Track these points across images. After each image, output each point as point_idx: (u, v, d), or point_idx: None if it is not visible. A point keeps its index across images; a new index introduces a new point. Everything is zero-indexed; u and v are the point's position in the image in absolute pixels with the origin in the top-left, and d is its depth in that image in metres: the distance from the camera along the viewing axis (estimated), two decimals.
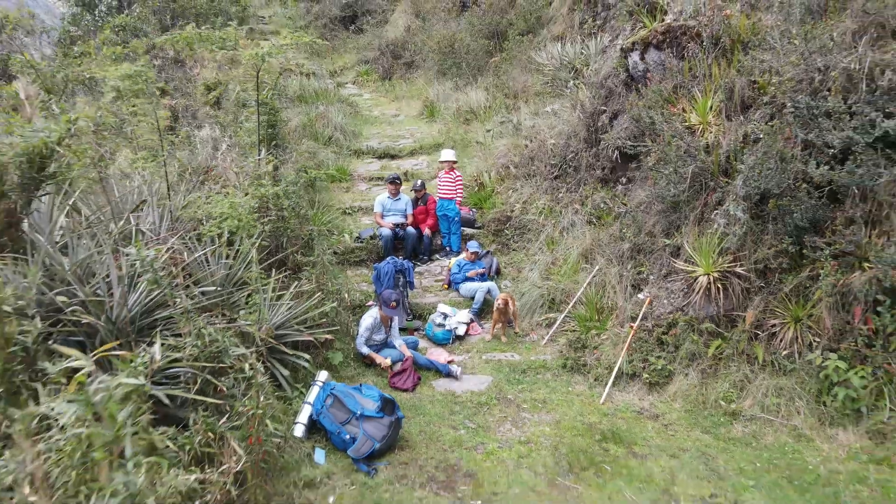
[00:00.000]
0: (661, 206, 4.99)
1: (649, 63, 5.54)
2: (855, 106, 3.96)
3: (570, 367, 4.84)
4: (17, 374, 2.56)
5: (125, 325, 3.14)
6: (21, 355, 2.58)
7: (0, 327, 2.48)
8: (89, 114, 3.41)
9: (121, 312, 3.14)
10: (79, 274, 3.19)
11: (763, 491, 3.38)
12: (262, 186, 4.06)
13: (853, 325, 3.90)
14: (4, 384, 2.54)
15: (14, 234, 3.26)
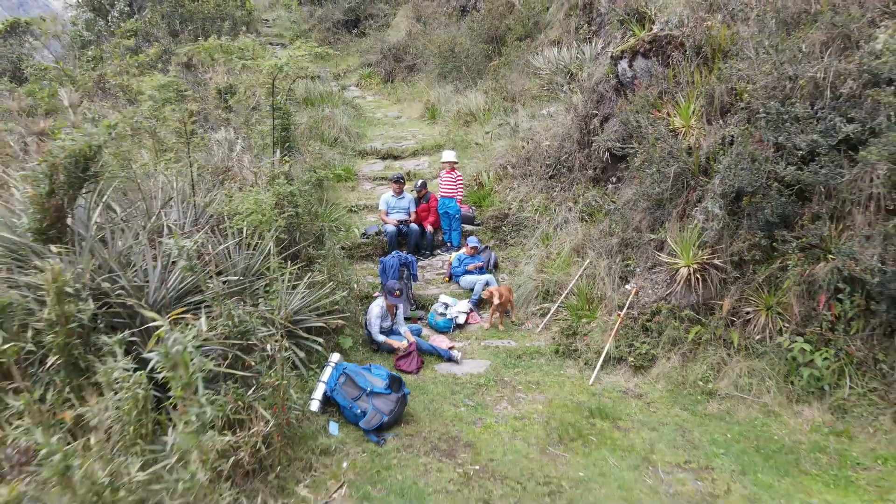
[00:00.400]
0: (646, 203, 5.37)
1: (637, 70, 5.91)
2: (820, 111, 4.33)
3: (562, 352, 5.22)
4: (76, 347, 2.94)
5: (162, 308, 3.51)
6: (78, 331, 2.95)
7: (62, 307, 2.86)
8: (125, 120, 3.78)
9: (158, 296, 3.52)
10: (121, 262, 3.57)
11: (732, 457, 3.76)
12: (278, 185, 4.43)
13: (818, 311, 4.27)
14: (65, 356, 2.92)
15: (61, 227, 3.64)
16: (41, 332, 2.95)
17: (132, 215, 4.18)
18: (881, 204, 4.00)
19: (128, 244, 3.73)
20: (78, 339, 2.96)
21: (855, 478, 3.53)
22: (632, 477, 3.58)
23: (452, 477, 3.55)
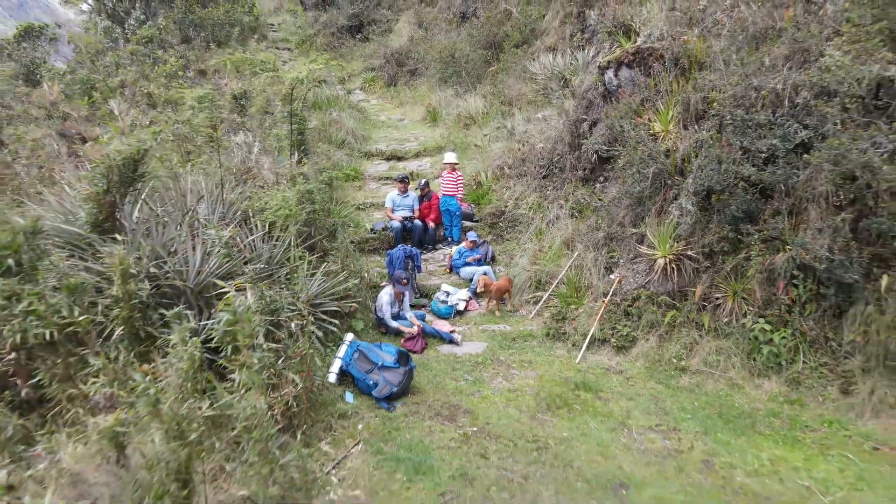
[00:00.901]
0: (629, 200, 5.90)
1: (622, 79, 6.45)
2: (779, 119, 4.87)
3: (552, 335, 5.76)
4: (137, 320, 3.48)
5: (203, 289, 4.05)
6: (139, 306, 3.49)
7: (126, 286, 3.40)
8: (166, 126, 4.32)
9: (199, 279, 4.06)
10: (166, 250, 4.11)
11: (697, 421, 4.30)
12: (300, 184, 4.97)
13: (777, 295, 4.81)
14: (128, 327, 3.46)
15: (113, 221, 4.18)
16: (107, 307, 3.48)
17: (169, 210, 4.71)
18: (830, 200, 4.54)
19: (171, 235, 4.27)
20: (138, 314, 3.50)
21: (802, 437, 4.07)
22: (609, 437, 4.13)
23: (454, 436, 4.09)
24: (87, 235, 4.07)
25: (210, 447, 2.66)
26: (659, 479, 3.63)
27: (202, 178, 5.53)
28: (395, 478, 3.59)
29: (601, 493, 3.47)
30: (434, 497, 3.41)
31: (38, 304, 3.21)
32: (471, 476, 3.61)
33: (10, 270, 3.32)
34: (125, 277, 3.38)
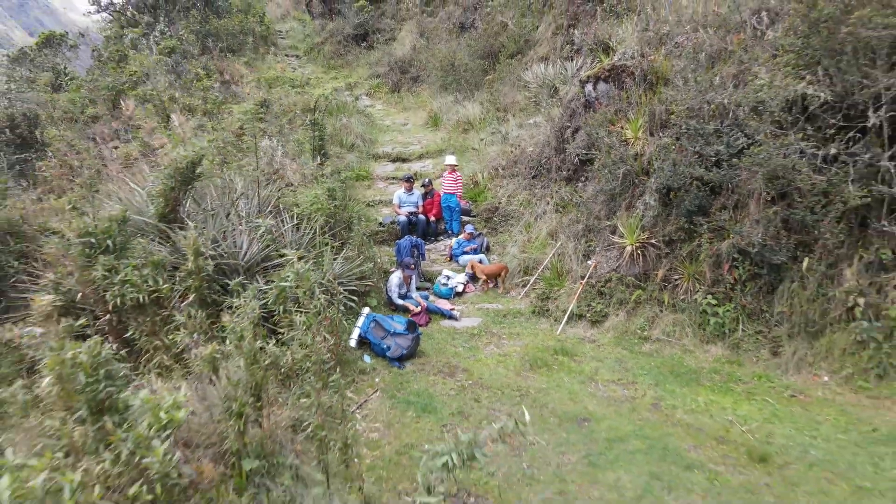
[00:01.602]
0: (603, 197, 6.83)
1: (599, 92, 7.37)
2: (725, 128, 5.79)
3: (537, 312, 6.68)
4: (205, 289, 4.41)
5: (250, 268, 4.98)
6: (206, 279, 4.41)
7: (197, 262, 4.32)
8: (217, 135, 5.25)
9: (247, 259, 4.99)
10: (220, 236, 5.03)
11: (651, 377, 5.22)
12: (325, 183, 5.90)
13: (723, 276, 5.73)
14: (198, 295, 4.39)
15: (176, 212, 5.10)
16: (182, 279, 4.41)
17: (216, 205, 5.64)
18: (763, 197, 5.46)
19: (222, 224, 5.20)
20: (205, 284, 4.43)
21: (734, 387, 5.00)
22: (579, 387, 5.06)
23: (453, 387, 5.02)
24: (156, 224, 5.00)
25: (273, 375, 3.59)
26: (615, 415, 4.57)
27: (238, 179, 6.46)
28: (407, 415, 4.53)
29: (568, 425, 4.40)
30: (438, 427, 4.34)
31: (132, 275, 4.14)
32: (466, 413, 4.55)
33: (108, 249, 4.25)
34: (196, 255, 4.30)
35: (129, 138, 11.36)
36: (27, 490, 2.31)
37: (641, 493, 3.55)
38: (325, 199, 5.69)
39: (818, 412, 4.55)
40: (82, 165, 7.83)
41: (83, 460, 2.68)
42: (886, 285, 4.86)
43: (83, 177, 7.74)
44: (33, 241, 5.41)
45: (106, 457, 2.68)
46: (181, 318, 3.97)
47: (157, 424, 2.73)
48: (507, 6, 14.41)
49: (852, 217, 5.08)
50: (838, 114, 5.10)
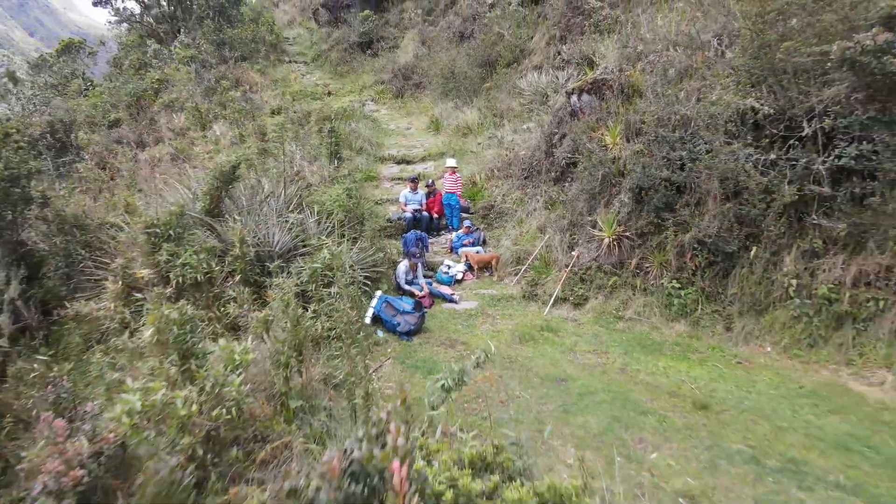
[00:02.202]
0: (585, 196, 7.70)
1: (583, 102, 8.25)
2: (687, 136, 6.67)
3: (527, 296, 7.56)
4: (248, 271, 5.29)
5: (282, 254, 5.86)
6: (249, 262, 5.30)
7: (242, 248, 5.21)
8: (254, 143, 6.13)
9: (280, 247, 5.87)
10: (257, 227, 5.92)
11: (622, 348, 6.11)
12: (343, 183, 6.78)
13: (686, 263, 6.61)
14: (243, 275, 5.27)
15: (219, 208, 5.99)
16: (229, 263, 5.29)
17: (250, 201, 6.52)
18: (719, 196, 6.34)
19: (258, 218, 6.08)
20: (248, 267, 5.31)
21: (690, 356, 5.88)
22: (559, 356, 5.94)
23: (453, 356, 5.91)
24: (202, 218, 5.88)
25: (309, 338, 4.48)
26: (588, 377, 5.45)
27: (264, 180, 7.34)
28: (415, 377, 5.41)
29: (549, 384, 5.29)
30: None
31: (191, 259, 5.02)
32: None
33: (170, 238, 5.13)
34: (242, 243, 5.19)
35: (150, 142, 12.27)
36: (150, 403, 3.20)
37: (604, 430, 4.44)
38: (345, 198, 6.59)
39: (757, 374, 5.44)
40: (120, 167, 8.68)
41: (179, 391, 3.57)
42: (818, 269, 5.75)
43: (124, 178, 8.63)
44: (95, 233, 6.29)
45: (193, 389, 3.57)
46: (232, 293, 4.85)
47: (231, 364, 3.62)
48: (504, 17, 15.24)
49: (791, 212, 5.95)
50: (780, 124, 5.98)
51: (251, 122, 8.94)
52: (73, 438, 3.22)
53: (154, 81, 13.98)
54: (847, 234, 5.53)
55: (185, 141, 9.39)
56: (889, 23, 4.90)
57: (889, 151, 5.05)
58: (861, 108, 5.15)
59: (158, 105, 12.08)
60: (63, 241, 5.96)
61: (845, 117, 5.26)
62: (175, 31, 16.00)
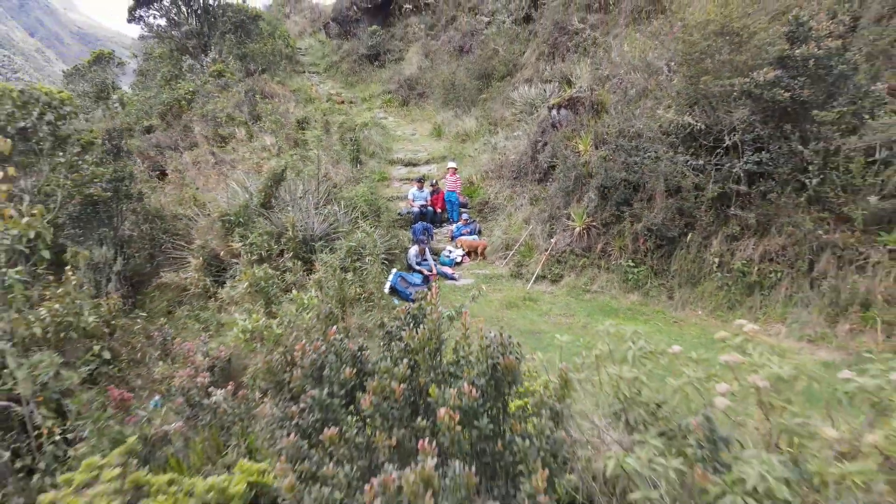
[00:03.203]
0: (562, 193, 9.28)
1: (561, 116, 9.83)
2: (641, 145, 8.25)
3: (514, 275, 9.15)
4: (299, 250, 6.87)
5: (319, 239, 7.45)
6: (300, 241, 6.88)
7: (294, 231, 6.79)
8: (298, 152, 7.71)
9: (317, 233, 7.46)
10: (300, 217, 7.50)
11: (586, 312, 7.70)
12: (365, 183, 8.35)
13: (639, 247, 8.20)
14: (295, 253, 6.85)
15: (270, 202, 7.57)
16: (283, 243, 6.86)
17: (292, 197, 8.10)
18: (664, 193, 7.93)
19: (300, 210, 7.66)
20: (297, 247, 6.90)
21: (638, 317, 7.46)
22: (537, 318, 7.53)
23: None
24: (258, 209, 7.46)
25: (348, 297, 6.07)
26: (557, 330, 7.04)
27: (298, 180, 8.92)
28: None
29: (527, 335, 6.87)
30: None
31: (257, 240, 6.60)
32: None
33: (240, 223, 6.71)
34: (293, 228, 6.78)
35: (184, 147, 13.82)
36: (256, 326, 4.78)
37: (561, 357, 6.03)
38: (368, 194, 8.17)
39: (687, 330, 7.03)
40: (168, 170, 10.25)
41: (271, 320, 5.15)
42: (735, 249, 7.34)
43: (177, 178, 10.20)
44: (170, 222, 7.86)
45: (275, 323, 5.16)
46: (288, 265, 6.44)
47: (300, 307, 5.22)
48: (499, 34, 16.80)
49: (718, 205, 7.54)
50: (709, 137, 7.57)
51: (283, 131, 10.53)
52: (195, 357, 4.83)
53: (187, 93, 15.53)
54: (756, 221, 7.13)
55: (227, 147, 10.95)
56: (780, 63, 6.49)
57: (781, 159, 6.64)
58: (760, 127, 6.74)
59: (195, 114, 13.63)
60: (148, 229, 7.54)
61: (749, 133, 6.85)
62: (202, 45, 17.54)
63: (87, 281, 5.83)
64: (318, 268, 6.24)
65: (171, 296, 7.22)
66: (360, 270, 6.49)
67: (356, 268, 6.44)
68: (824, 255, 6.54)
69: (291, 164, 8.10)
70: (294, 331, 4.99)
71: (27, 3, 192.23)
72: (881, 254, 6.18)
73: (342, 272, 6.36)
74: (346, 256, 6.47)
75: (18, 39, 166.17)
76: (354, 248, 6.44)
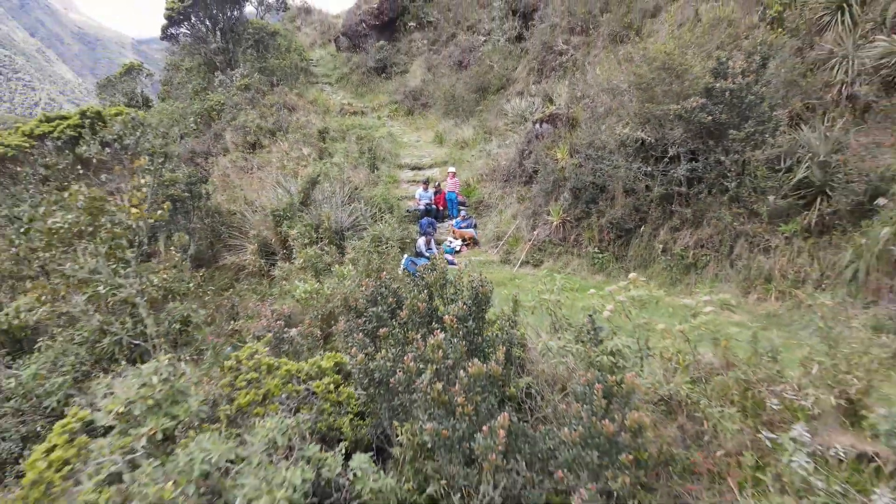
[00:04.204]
0: (543, 194, 11.11)
1: (543, 129, 11.65)
2: (606, 154, 10.07)
3: (503, 261, 10.97)
4: (332, 238, 8.71)
5: (347, 230, 9.28)
6: (334, 230, 8.71)
7: (329, 222, 8.62)
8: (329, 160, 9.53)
9: (345, 226, 9.29)
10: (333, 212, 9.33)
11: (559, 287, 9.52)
12: (381, 185, 10.17)
13: (604, 237, 10.03)
14: (329, 239, 8.69)
15: (308, 200, 9.41)
16: (320, 232, 8.69)
17: (324, 196, 9.92)
18: (624, 193, 9.75)
19: (331, 206, 9.49)
20: (332, 235, 8.73)
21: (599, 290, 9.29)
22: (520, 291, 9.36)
23: None
24: (298, 206, 9.30)
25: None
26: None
27: (327, 182, 10.74)
28: None
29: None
30: None
31: (301, 230, 8.43)
32: None
33: (287, 217, 8.54)
34: (328, 220, 8.61)
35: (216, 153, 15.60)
36: (312, 289, 6.62)
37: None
38: (386, 194, 10.00)
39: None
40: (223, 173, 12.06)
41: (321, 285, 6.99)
42: (677, 238, 9.16)
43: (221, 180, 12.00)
44: (226, 216, 9.68)
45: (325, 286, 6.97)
46: (326, 249, 8.27)
47: (340, 278, 7.06)
48: (494, 51, 18.62)
49: (664, 204, 9.36)
50: (658, 148, 9.39)
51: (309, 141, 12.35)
52: (265, 313, 6.65)
53: (216, 103, 17.34)
54: (692, 216, 8.95)
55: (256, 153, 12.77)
56: (706, 93, 8.31)
57: (709, 168, 8.46)
58: (692, 142, 8.56)
59: (225, 123, 15.43)
60: (209, 222, 9.36)
61: (685, 147, 8.67)
62: (228, 60, 19.34)
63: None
64: (350, 251, 8.06)
65: (230, 275, 9.04)
66: (382, 252, 8.30)
67: (379, 251, 8.25)
68: (740, 242, 8.37)
69: (324, 170, 9.92)
70: (338, 292, 6.82)
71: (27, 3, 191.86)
72: (780, 240, 8.01)
73: (369, 253, 8.17)
74: (371, 242, 8.28)
75: (19, 40, 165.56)
76: (377, 236, 8.24)
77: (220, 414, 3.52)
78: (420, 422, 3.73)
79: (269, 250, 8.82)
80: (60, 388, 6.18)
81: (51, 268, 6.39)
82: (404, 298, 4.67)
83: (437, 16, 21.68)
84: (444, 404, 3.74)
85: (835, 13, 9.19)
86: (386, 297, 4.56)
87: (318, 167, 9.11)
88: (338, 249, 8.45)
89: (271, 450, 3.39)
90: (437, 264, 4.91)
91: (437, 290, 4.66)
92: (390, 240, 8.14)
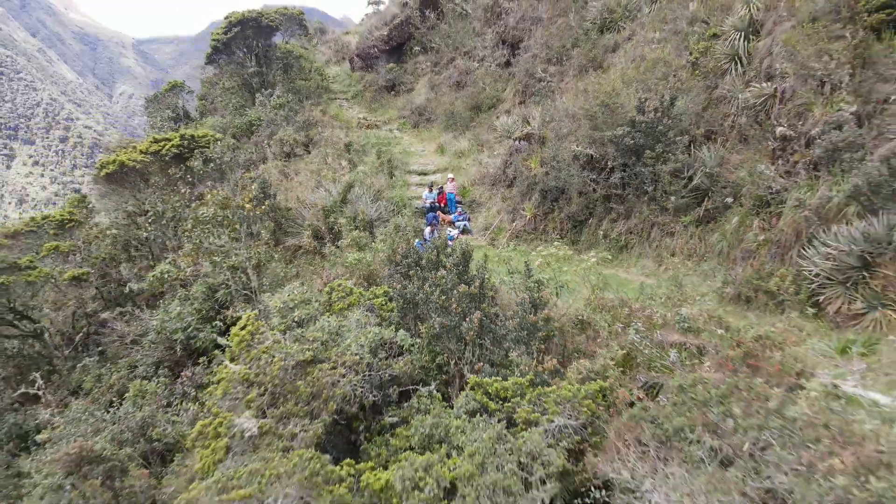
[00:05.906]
0: (519, 195, 14.29)
1: (521, 145, 14.83)
2: (570, 167, 13.27)
3: (489, 244, 14.17)
4: (366, 226, 11.93)
5: (373, 222, 12.48)
6: (366, 223, 11.92)
7: (363, 216, 11.84)
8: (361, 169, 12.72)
9: (372, 218, 12.50)
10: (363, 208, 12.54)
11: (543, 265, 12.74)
12: (397, 188, 13.32)
13: (565, 227, 13.22)
14: (363, 228, 11.92)
15: (346, 199, 12.63)
16: (357, 222, 11.90)
17: (356, 196, 13.12)
18: (580, 193, 12.94)
19: (361, 204, 12.72)
20: (365, 224, 11.95)
21: (567, 266, 12.51)
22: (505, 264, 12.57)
23: None
24: (341, 204, 12.51)
25: None
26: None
27: (357, 186, 13.92)
28: None
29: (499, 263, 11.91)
30: None
31: (343, 221, 11.63)
32: None
33: (333, 212, 11.75)
34: (363, 213, 11.82)
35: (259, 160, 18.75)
36: (359, 258, 9.86)
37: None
38: (401, 195, 13.18)
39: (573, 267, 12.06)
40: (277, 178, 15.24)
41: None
42: (614, 228, 12.36)
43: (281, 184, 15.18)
44: (284, 211, 12.86)
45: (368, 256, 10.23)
46: (361, 234, 11.47)
47: (378, 249, 10.32)
48: (486, 75, 21.75)
49: (605, 202, 12.55)
50: (603, 161, 12.59)
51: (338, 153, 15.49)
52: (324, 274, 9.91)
53: (255, 119, 20.51)
54: (624, 211, 12.15)
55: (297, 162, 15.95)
56: (631, 124, 11.49)
57: (634, 176, 11.66)
58: (622, 158, 11.75)
59: (269, 138, 18.59)
60: (273, 215, 12.56)
61: (617, 161, 11.87)
62: (262, 81, 22.50)
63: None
64: (379, 235, 11.23)
65: (289, 254, 12.22)
66: (401, 236, 11.47)
67: (399, 235, 11.42)
68: (655, 229, 11.57)
69: (358, 179, 13.08)
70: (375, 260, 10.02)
71: (28, 3, 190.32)
72: (680, 228, 11.21)
73: (392, 236, 11.34)
74: (394, 230, 11.44)
75: (20, 40, 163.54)
76: (398, 225, 11.40)
77: (335, 307, 6.74)
78: (432, 320, 6.99)
79: (319, 235, 11.94)
80: (188, 327, 9.36)
81: (191, 243, 9.56)
82: (422, 257, 7.91)
83: (438, 42, 24.79)
84: (445, 308, 7.02)
85: (731, 62, 12.39)
86: (412, 254, 7.81)
87: (353, 175, 12.26)
88: (370, 235, 11.60)
89: (360, 325, 6.62)
90: (441, 236, 8.13)
91: (441, 249, 7.90)
92: (407, 227, 11.30)
